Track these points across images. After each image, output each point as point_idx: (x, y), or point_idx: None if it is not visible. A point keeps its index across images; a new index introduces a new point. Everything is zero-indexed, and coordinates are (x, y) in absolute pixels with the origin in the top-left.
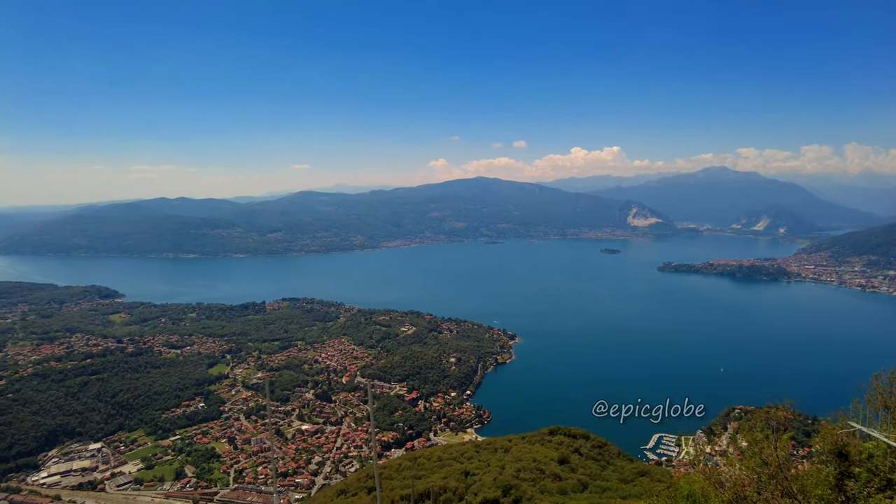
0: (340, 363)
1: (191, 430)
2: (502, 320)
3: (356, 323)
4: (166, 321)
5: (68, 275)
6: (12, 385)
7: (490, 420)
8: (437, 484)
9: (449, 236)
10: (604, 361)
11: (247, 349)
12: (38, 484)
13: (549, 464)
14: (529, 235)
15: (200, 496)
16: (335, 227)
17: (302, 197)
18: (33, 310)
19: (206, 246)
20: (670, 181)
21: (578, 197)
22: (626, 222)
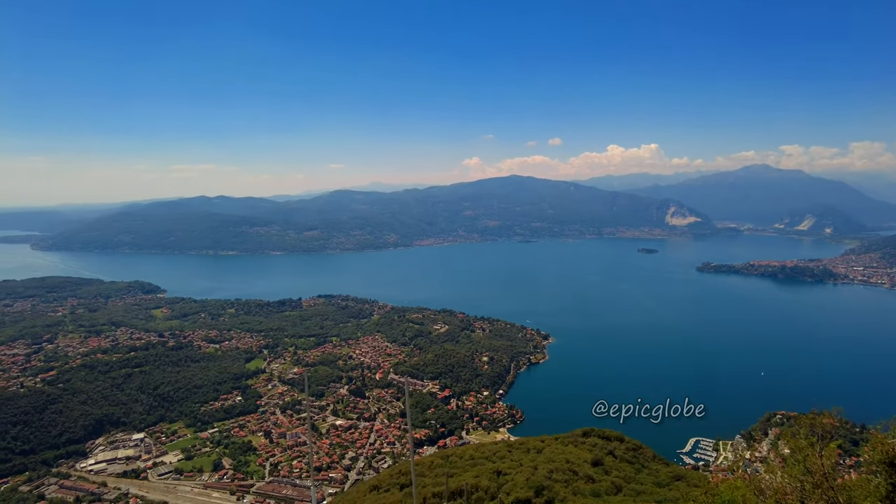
0: (374, 360)
1: (228, 423)
2: (535, 320)
3: (389, 320)
4: (206, 316)
5: (114, 270)
6: (63, 375)
7: (523, 420)
8: (469, 482)
9: (482, 235)
10: (640, 363)
11: (283, 344)
12: (86, 470)
13: (582, 465)
14: (564, 234)
15: (237, 488)
16: (369, 226)
17: (337, 196)
18: (81, 304)
19: (244, 243)
20: (710, 179)
21: (615, 195)
22: (663, 221)
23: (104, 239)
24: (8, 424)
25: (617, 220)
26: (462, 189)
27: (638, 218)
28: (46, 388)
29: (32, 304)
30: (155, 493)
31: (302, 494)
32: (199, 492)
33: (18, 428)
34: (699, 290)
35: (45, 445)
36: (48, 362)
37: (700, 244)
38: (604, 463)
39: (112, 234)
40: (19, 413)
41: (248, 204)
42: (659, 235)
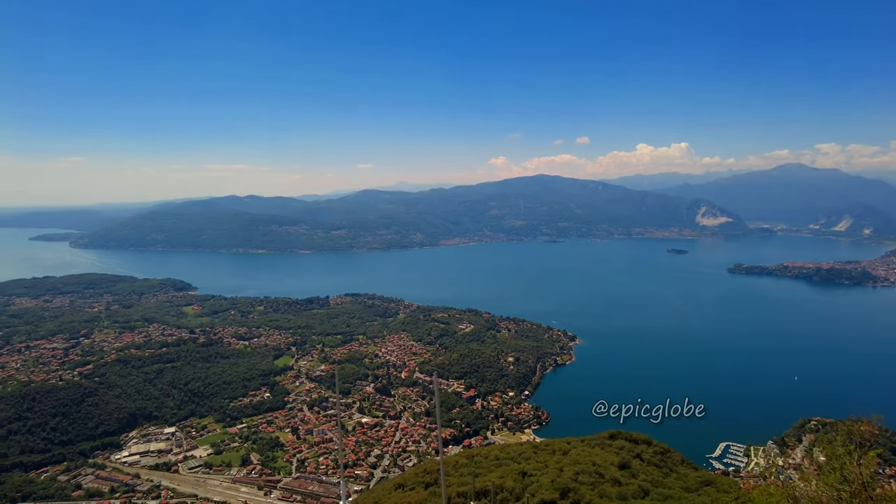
0: (400, 358)
1: (257, 418)
2: (562, 321)
3: (415, 319)
4: (235, 314)
5: (147, 268)
6: (98, 369)
7: (548, 421)
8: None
9: (508, 235)
10: (669, 365)
11: (311, 342)
12: (120, 462)
13: (608, 468)
14: (592, 234)
15: (265, 483)
16: (396, 225)
17: (364, 195)
18: (116, 300)
19: (273, 242)
20: (742, 179)
21: (644, 195)
22: (694, 221)
23: (138, 237)
24: (48, 416)
25: (646, 220)
26: (488, 188)
27: (667, 218)
28: (83, 382)
29: (70, 300)
30: (185, 486)
31: (328, 491)
32: (227, 486)
33: (57, 419)
34: (730, 292)
35: (82, 437)
36: (85, 356)
37: (731, 245)
38: (631, 466)
39: (146, 233)
40: (58, 405)
41: (277, 203)
42: (689, 236)
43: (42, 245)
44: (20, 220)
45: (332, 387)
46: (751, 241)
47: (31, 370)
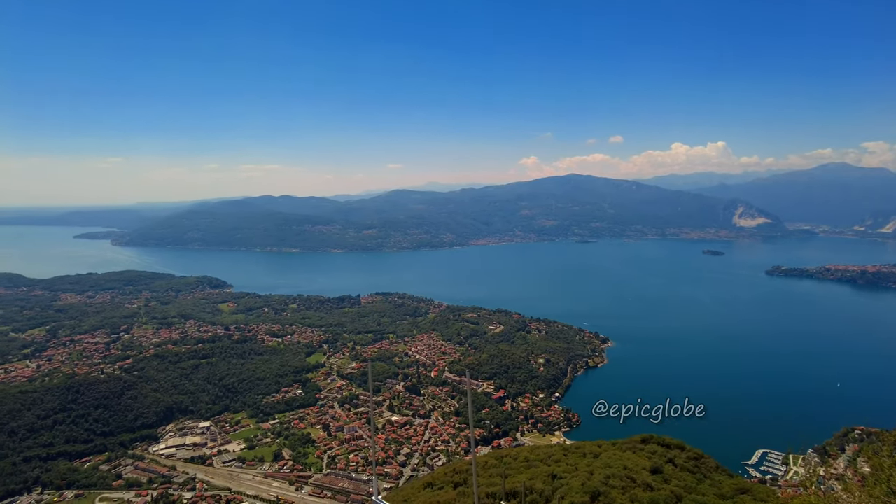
0: (429, 357)
1: (289, 415)
2: (594, 322)
3: (444, 319)
4: (269, 311)
5: (184, 266)
6: (138, 364)
7: (579, 424)
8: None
9: (539, 235)
10: (704, 370)
11: (342, 340)
12: (158, 454)
13: (640, 472)
14: (625, 235)
15: (296, 478)
16: (426, 225)
17: (395, 195)
18: (154, 297)
19: (306, 241)
20: (782, 178)
21: (679, 195)
22: (731, 222)
23: (176, 235)
24: (91, 407)
25: (681, 221)
26: (519, 188)
27: (703, 218)
28: (123, 376)
29: (112, 296)
30: (219, 480)
31: (357, 488)
32: (260, 480)
33: (99, 411)
34: (768, 295)
35: (122, 429)
36: (125, 351)
37: (770, 246)
38: (663, 471)
39: (183, 231)
40: (100, 397)
41: (310, 203)
42: (725, 237)
43: (85, 243)
44: (65, 219)
45: (363, 384)
46: (790, 243)
47: (76, 363)
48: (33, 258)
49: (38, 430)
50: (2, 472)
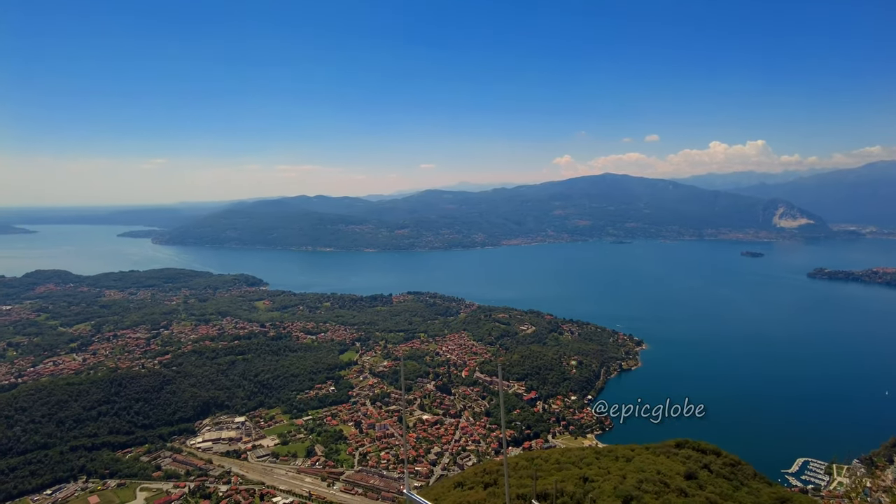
0: (460, 357)
1: (322, 411)
2: (628, 324)
3: (476, 319)
4: (304, 309)
5: (222, 264)
6: (176, 359)
7: (612, 427)
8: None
9: (572, 235)
10: (742, 375)
11: (374, 338)
12: (195, 447)
13: (674, 478)
14: (661, 235)
15: (328, 474)
16: (457, 225)
17: (427, 195)
18: (193, 294)
19: (340, 240)
20: (825, 178)
21: (717, 195)
22: (770, 223)
23: (214, 234)
24: (132, 400)
25: (719, 221)
26: (552, 188)
27: (742, 219)
28: (163, 370)
29: (152, 293)
30: (254, 474)
31: (388, 485)
32: (292, 475)
33: (140, 404)
34: (810, 298)
35: (161, 422)
36: (164, 346)
37: (812, 248)
38: (698, 477)
39: (221, 230)
40: (141, 391)
41: (344, 203)
42: (765, 238)
43: (128, 241)
44: (110, 218)
45: (395, 382)
46: (835, 245)
47: (118, 357)
48: (81, 256)
49: (84, 420)
50: (51, 460)
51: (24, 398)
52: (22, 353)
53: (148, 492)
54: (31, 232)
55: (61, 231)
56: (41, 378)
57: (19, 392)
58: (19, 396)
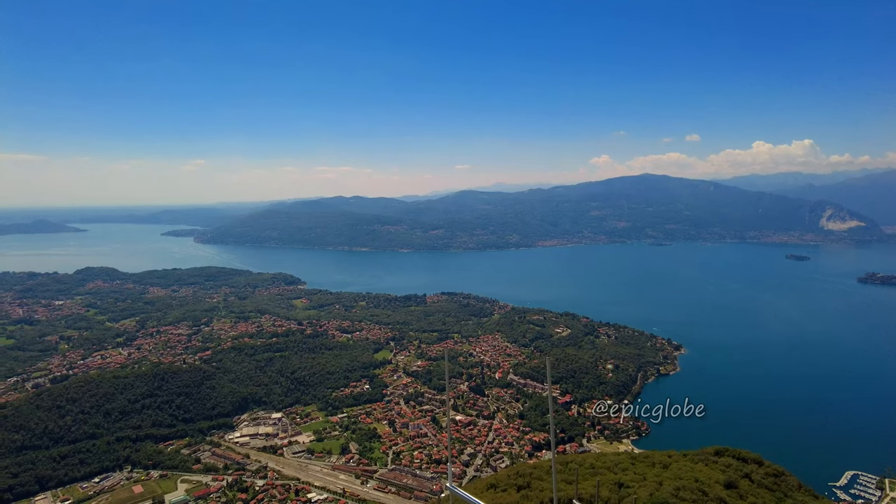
0: (494, 359)
1: (356, 409)
2: (666, 329)
3: (510, 320)
4: (340, 308)
5: (261, 263)
6: (216, 355)
7: (648, 433)
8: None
9: (609, 236)
10: (785, 383)
11: (408, 338)
12: (233, 442)
13: (713, 486)
14: (701, 238)
15: (362, 472)
16: (492, 226)
17: (462, 196)
18: (233, 292)
19: (375, 240)
20: (878, 178)
21: (760, 196)
22: (817, 225)
23: (253, 234)
24: (174, 394)
25: (762, 224)
26: (589, 188)
27: (786, 221)
28: (203, 366)
29: (194, 290)
30: (289, 470)
31: (421, 485)
32: (327, 472)
33: (181, 398)
34: (860, 304)
35: (201, 416)
36: (205, 343)
37: (863, 252)
38: (738, 486)
39: (260, 230)
40: (182, 386)
41: (380, 204)
42: (811, 241)
43: (171, 240)
44: (154, 217)
45: (428, 382)
46: (888, 248)
47: (161, 352)
48: (127, 254)
49: (129, 413)
50: (98, 449)
51: (74, 389)
52: (73, 347)
53: (188, 483)
54: (81, 230)
55: (109, 230)
56: (90, 371)
57: (70, 384)
58: (70, 388)
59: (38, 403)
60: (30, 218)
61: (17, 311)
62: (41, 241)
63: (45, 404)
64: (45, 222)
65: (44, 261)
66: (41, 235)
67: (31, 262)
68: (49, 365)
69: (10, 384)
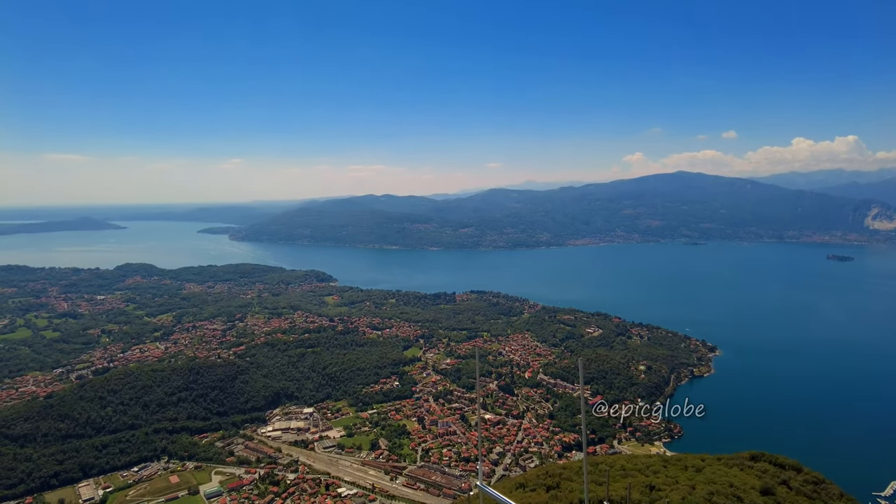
0: (523, 358)
1: (386, 405)
2: (700, 330)
3: (539, 320)
4: (370, 305)
5: (293, 260)
6: (250, 350)
7: (681, 435)
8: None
9: (643, 235)
10: (826, 388)
11: (437, 336)
12: (265, 436)
13: (748, 492)
14: (738, 237)
15: (391, 468)
16: (522, 224)
17: (492, 194)
18: (266, 288)
19: (405, 239)
20: None
21: (800, 195)
22: (862, 225)
23: (287, 231)
24: (208, 388)
25: (802, 223)
26: (622, 186)
27: (828, 220)
28: (237, 361)
29: (228, 287)
30: (320, 464)
31: (450, 482)
32: (357, 468)
33: (216, 392)
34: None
35: (235, 410)
36: (239, 338)
37: None
38: (775, 493)
39: (293, 228)
40: (216, 380)
41: (410, 202)
42: (855, 241)
43: (207, 237)
44: (190, 215)
45: (457, 381)
46: None
47: (196, 347)
48: (164, 250)
49: (166, 405)
50: (137, 440)
51: (115, 381)
52: (113, 340)
53: (222, 475)
54: (122, 228)
55: (147, 227)
56: (129, 364)
57: (111, 376)
58: (111, 380)
59: (82, 394)
60: (75, 215)
61: (62, 304)
62: (85, 238)
63: (88, 395)
64: (88, 219)
65: (87, 257)
66: (85, 232)
67: (75, 258)
68: (91, 357)
69: (56, 375)
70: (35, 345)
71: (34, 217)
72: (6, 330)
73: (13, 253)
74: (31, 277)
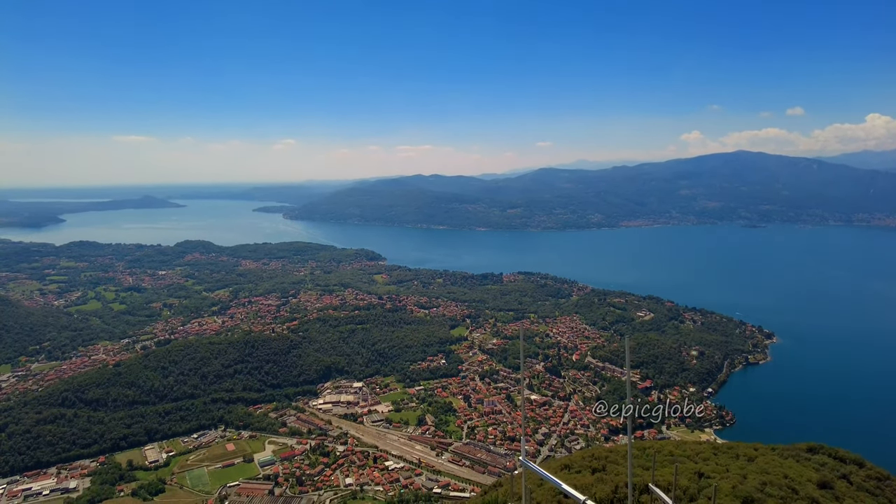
0: (571, 341)
1: (433, 382)
2: (758, 316)
3: (589, 302)
4: (418, 284)
5: (344, 239)
6: (302, 326)
7: (733, 423)
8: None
9: (699, 217)
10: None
11: (484, 316)
12: (316, 408)
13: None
14: (801, 220)
15: (437, 444)
16: (573, 205)
17: (542, 174)
18: (319, 266)
19: (453, 219)
20: None
21: (874, 175)
22: None
23: (338, 211)
24: (263, 361)
25: (874, 206)
26: (678, 166)
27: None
28: (290, 336)
29: (283, 264)
30: (368, 437)
31: (494, 460)
32: (403, 442)
33: (270, 365)
34: None
35: (288, 383)
36: (292, 314)
37: None
38: (834, 487)
39: (344, 207)
40: (271, 353)
41: (458, 182)
42: None
43: (262, 216)
44: (246, 194)
45: (503, 360)
46: None
47: (252, 321)
48: (221, 228)
49: (223, 376)
50: (196, 408)
51: (176, 353)
52: (174, 313)
53: (275, 445)
54: (181, 206)
55: (206, 206)
56: (189, 336)
57: (172, 347)
58: (172, 351)
59: (146, 364)
60: (139, 194)
61: (127, 279)
62: (147, 216)
63: (151, 364)
64: (151, 198)
65: (149, 234)
66: (147, 210)
67: (139, 235)
68: (154, 329)
69: (122, 345)
70: (104, 316)
71: (102, 196)
72: (79, 301)
73: (85, 230)
74: (100, 253)
